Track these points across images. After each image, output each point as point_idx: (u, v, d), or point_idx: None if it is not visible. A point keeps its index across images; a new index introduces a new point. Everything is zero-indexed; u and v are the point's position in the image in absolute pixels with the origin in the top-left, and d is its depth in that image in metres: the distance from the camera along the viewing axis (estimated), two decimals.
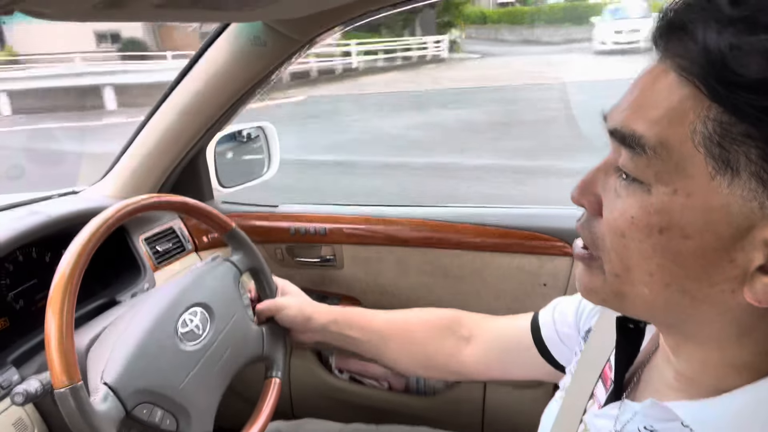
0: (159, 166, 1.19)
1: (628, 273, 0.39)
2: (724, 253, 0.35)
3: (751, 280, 0.34)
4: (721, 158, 0.33)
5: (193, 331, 0.84)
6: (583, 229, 0.43)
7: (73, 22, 0.63)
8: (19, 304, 0.97)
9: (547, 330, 0.71)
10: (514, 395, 1.17)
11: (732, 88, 0.32)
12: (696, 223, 0.35)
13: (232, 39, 1.03)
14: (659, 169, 0.35)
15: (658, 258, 0.37)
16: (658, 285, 0.38)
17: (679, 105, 0.34)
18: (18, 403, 0.70)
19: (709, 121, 0.33)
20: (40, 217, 0.96)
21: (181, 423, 0.78)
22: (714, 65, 0.32)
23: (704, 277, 0.36)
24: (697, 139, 0.34)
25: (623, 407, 0.47)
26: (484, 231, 1.15)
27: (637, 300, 0.40)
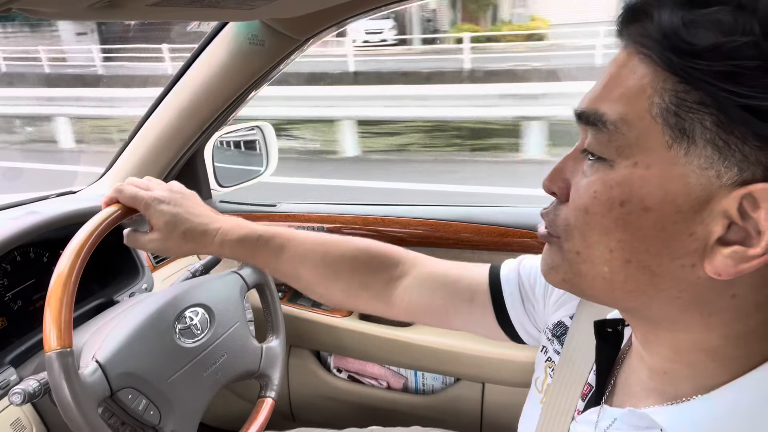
0: (157, 165, 1.19)
1: (588, 250, 0.40)
2: (684, 226, 0.35)
3: (711, 253, 0.35)
4: (677, 127, 0.34)
5: (191, 329, 0.84)
6: (547, 214, 0.44)
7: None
8: (16, 304, 0.97)
9: (512, 292, 0.65)
10: (512, 394, 1.17)
11: (685, 57, 0.33)
12: (655, 195, 0.35)
13: (230, 38, 1.03)
14: (620, 144, 0.37)
15: (619, 233, 0.37)
16: (618, 261, 0.38)
17: (639, 81, 0.36)
18: (16, 404, 0.70)
19: (665, 92, 0.34)
20: (37, 217, 0.96)
21: (164, 417, 0.77)
22: (669, 38, 0.34)
23: (665, 252, 0.36)
24: (655, 111, 0.35)
25: (602, 413, 0.47)
26: (482, 230, 1.15)
27: (596, 279, 0.40)
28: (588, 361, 0.53)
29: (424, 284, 0.70)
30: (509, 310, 0.66)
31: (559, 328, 0.59)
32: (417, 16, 17.18)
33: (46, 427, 0.87)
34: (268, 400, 0.92)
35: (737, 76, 0.32)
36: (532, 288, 0.64)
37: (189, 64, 1.09)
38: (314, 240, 0.73)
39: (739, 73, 0.32)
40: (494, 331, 0.67)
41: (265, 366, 0.93)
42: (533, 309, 0.64)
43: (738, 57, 0.32)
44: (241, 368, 0.89)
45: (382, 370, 1.34)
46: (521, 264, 0.66)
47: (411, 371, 1.32)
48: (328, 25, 0.98)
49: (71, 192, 1.21)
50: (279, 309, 0.98)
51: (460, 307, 0.68)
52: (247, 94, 1.11)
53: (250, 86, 1.09)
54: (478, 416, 1.22)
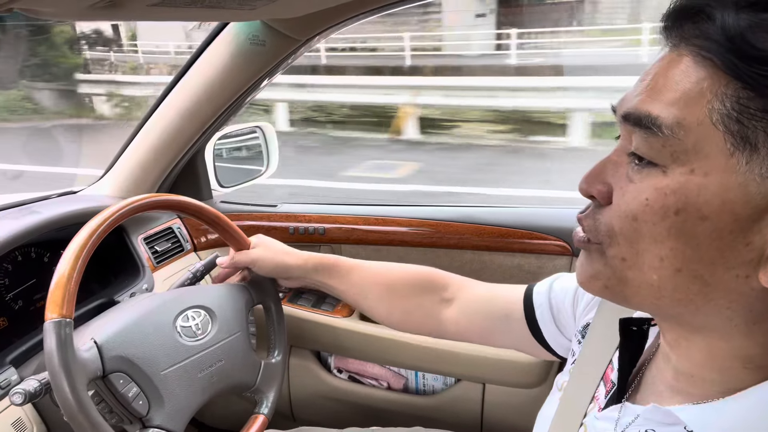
0: (158, 165, 1.19)
1: (636, 257, 0.38)
2: (741, 236, 0.34)
3: (766, 264, 0.34)
4: (740, 134, 0.33)
5: (192, 328, 0.83)
6: (586, 218, 0.42)
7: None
8: (17, 304, 0.97)
9: (541, 305, 0.68)
10: (513, 395, 1.17)
11: (752, 62, 0.32)
12: (713, 203, 0.34)
13: (231, 38, 1.03)
14: (676, 149, 0.35)
15: (671, 241, 0.36)
16: (669, 270, 0.37)
17: (696, 85, 0.34)
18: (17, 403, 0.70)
19: (727, 98, 0.33)
20: (38, 217, 0.96)
21: (153, 409, 0.75)
22: (733, 41, 0.33)
23: (719, 261, 0.35)
24: (715, 117, 0.33)
25: (624, 410, 0.46)
26: (483, 230, 1.15)
27: (642, 287, 0.39)
28: (606, 357, 0.53)
29: (470, 306, 0.77)
30: (541, 325, 0.68)
31: (585, 329, 0.59)
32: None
33: (47, 426, 0.87)
34: (261, 417, 0.91)
35: None
36: (562, 302, 0.66)
37: (190, 65, 1.09)
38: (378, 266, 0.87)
39: None
40: (533, 346, 0.70)
41: (263, 382, 0.91)
42: (563, 323, 0.66)
43: None
44: (237, 378, 0.88)
45: (382, 371, 1.34)
46: (555, 281, 0.69)
47: (411, 372, 1.32)
48: (329, 25, 0.98)
49: (72, 192, 1.21)
50: (284, 328, 0.97)
51: (499, 325, 0.73)
52: (247, 94, 1.11)
53: (251, 86, 1.09)
54: (479, 417, 1.22)
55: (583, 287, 0.44)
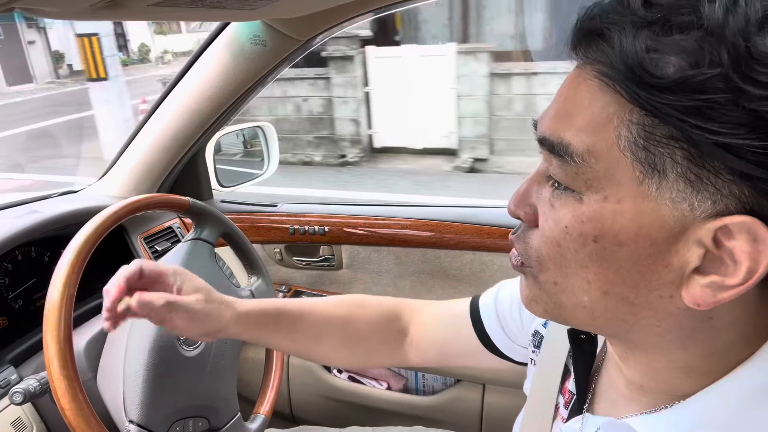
0: (158, 165, 1.19)
1: (566, 280, 0.38)
2: (659, 258, 0.34)
3: (688, 283, 0.34)
4: (647, 161, 0.33)
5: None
6: (518, 240, 0.42)
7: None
8: (17, 303, 0.97)
9: (489, 316, 0.67)
10: (512, 396, 1.17)
11: (651, 90, 0.31)
12: (629, 229, 0.34)
13: (232, 38, 1.03)
14: (589, 177, 0.35)
15: (594, 266, 0.36)
16: (597, 293, 0.37)
17: (603, 111, 0.34)
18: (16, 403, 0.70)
19: (632, 125, 0.33)
20: (39, 216, 0.96)
21: (212, 420, 0.81)
22: (632, 69, 0.32)
23: (642, 284, 0.35)
24: (623, 144, 0.33)
25: (585, 421, 0.47)
26: (484, 231, 1.15)
27: (577, 309, 0.39)
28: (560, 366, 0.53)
29: (423, 329, 0.73)
30: (492, 337, 0.66)
31: (536, 337, 0.59)
32: None
33: (46, 426, 0.87)
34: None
35: (708, 111, 0.30)
36: (508, 308, 0.65)
37: (191, 65, 1.09)
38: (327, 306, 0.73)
39: (710, 107, 0.30)
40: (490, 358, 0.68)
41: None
42: (511, 328, 0.65)
43: (707, 91, 0.30)
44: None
45: (382, 371, 1.34)
46: (500, 291, 0.67)
47: (411, 372, 1.32)
48: (330, 25, 0.98)
49: (72, 191, 1.22)
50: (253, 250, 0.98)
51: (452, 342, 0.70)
52: (248, 94, 1.11)
53: (252, 86, 1.09)
54: (478, 417, 1.22)
55: (528, 309, 0.44)
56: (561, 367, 0.53)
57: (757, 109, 0.29)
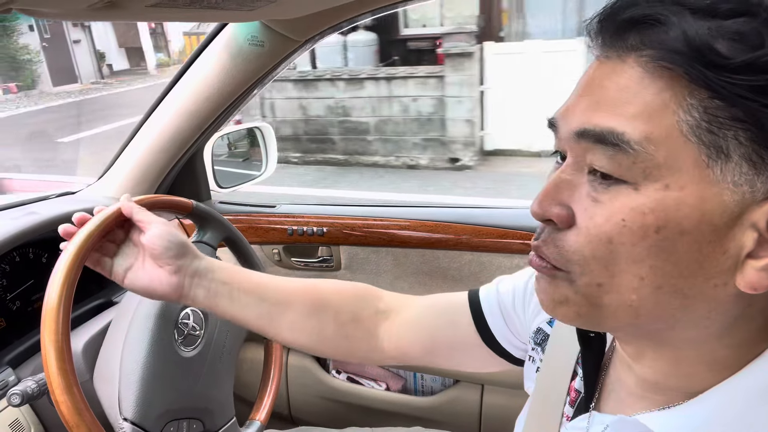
0: (156, 166, 1.19)
1: (612, 280, 0.36)
2: (718, 245, 0.34)
3: (742, 268, 0.34)
4: (713, 144, 0.33)
5: (191, 334, 0.83)
6: (547, 246, 0.39)
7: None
8: (15, 304, 0.97)
9: (491, 309, 0.64)
10: (511, 396, 1.17)
11: (721, 71, 0.31)
12: (692, 217, 0.33)
13: (230, 39, 1.03)
14: (647, 165, 0.34)
15: (651, 260, 0.35)
16: (649, 288, 0.36)
17: (657, 97, 0.34)
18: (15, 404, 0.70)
19: (693, 109, 0.33)
20: (36, 217, 0.96)
21: (206, 423, 0.80)
22: (700, 51, 0.32)
23: (699, 273, 0.35)
24: (685, 129, 0.33)
25: (592, 419, 0.46)
26: (482, 231, 1.15)
27: (620, 309, 0.37)
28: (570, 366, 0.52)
29: (410, 316, 0.68)
30: (492, 327, 0.64)
31: (539, 335, 0.58)
32: None
33: (44, 427, 0.87)
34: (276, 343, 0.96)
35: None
36: (511, 302, 0.63)
37: (188, 65, 1.09)
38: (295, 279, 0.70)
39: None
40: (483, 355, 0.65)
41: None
42: (514, 322, 0.63)
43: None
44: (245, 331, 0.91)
45: (381, 372, 1.34)
46: (499, 284, 0.65)
47: (410, 372, 1.32)
48: (328, 26, 0.98)
49: (70, 193, 1.21)
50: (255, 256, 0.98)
51: (445, 333, 0.66)
52: (246, 95, 1.11)
53: (250, 87, 1.09)
54: (477, 418, 1.22)
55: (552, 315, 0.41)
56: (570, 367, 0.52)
57: None
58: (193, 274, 0.65)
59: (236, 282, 0.66)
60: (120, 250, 0.68)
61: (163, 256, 0.64)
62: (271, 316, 0.66)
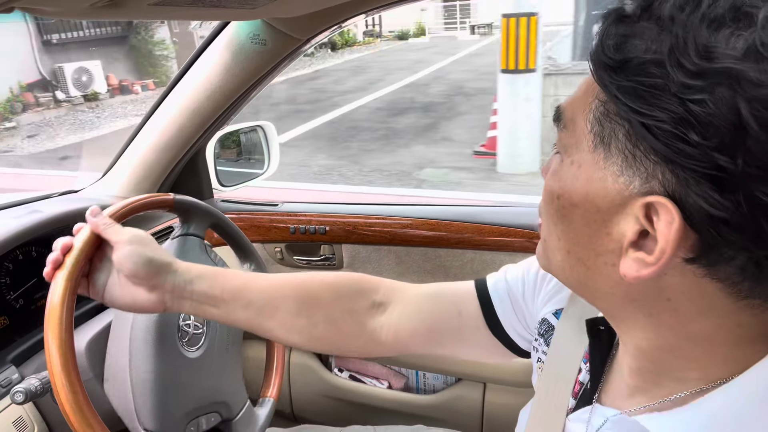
0: (159, 164, 1.19)
1: (549, 238, 0.43)
2: (603, 225, 0.38)
3: (624, 255, 0.37)
4: (599, 134, 0.37)
5: (194, 334, 0.84)
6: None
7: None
8: (18, 303, 0.97)
9: (500, 296, 0.63)
10: (514, 394, 1.17)
11: (606, 69, 0.35)
12: (580, 192, 0.38)
13: (232, 37, 1.03)
14: (567, 142, 0.40)
15: (560, 224, 0.41)
16: (563, 251, 0.42)
17: (588, 88, 0.39)
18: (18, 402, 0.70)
19: (598, 101, 0.37)
20: (39, 215, 0.96)
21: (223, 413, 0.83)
22: (596, 50, 0.36)
23: (590, 247, 0.39)
24: (589, 117, 0.38)
25: (594, 411, 0.47)
26: (485, 230, 1.15)
27: (556, 266, 0.44)
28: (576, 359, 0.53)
29: (410, 307, 0.66)
30: (500, 316, 0.63)
31: (543, 325, 0.58)
32: None
33: (47, 425, 0.87)
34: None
35: (641, 93, 0.33)
36: (521, 292, 0.63)
37: (191, 64, 1.09)
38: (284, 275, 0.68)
39: (644, 89, 0.33)
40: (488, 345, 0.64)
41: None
42: (523, 312, 0.63)
43: (642, 74, 0.33)
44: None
45: (383, 370, 1.34)
46: (507, 272, 0.65)
47: (412, 371, 1.32)
48: (330, 24, 0.98)
49: (73, 191, 1.22)
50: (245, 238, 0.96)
51: (449, 325, 0.65)
52: (248, 93, 1.11)
53: (252, 86, 1.09)
54: (479, 416, 1.22)
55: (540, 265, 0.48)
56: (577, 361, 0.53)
57: (681, 96, 0.31)
58: (171, 289, 0.63)
59: (218, 289, 0.64)
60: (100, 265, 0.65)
61: (135, 277, 0.62)
62: (260, 319, 0.65)
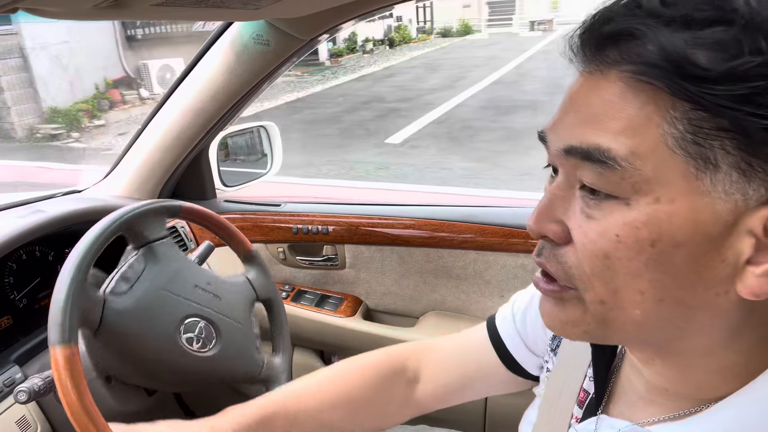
0: (162, 165, 1.19)
1: (615, 296, 0.36)
2: (716, 254, 0.34)
3: (742, 274, 0.34)
4: (700, 156, 0.32)
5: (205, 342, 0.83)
6: (549, 262, 0.39)
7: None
8: (22, 302, 0.98)
9: (509, 334, 0.65)
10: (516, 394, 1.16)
11: (701, 83, 0.31)
12: (685, 228, 0.33)
13: (235, 38, 1.03)
14: (636, 180, 0.34)
15: (649, 273, 0.35)
16: (650, 302, 0.36)
17: (640, 111, 0.33)
18: (21, 401, 0.70)
19: (678, 121, 0.32)
20: (43, 215, 0.96)
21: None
22: (678, 64, 0.32)
23: (699, 283, 0.35)
24: (671, 142, 0.33)
25: (600, 422, 0.46)
26: (486, 230, 1.14)
27: (626, 324, 0.37)
28: (581, 367, 0.52)
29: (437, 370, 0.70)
30: (515, 355, 0.65)
31: (555, 341, 0.59)
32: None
33: (50, 425, 0.87)
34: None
35: (756, 98, 0.30)
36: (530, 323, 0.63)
37: (194, 64, 1.09)
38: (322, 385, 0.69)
39: (758, 93, 0.30)
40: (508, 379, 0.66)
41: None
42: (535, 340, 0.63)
43: (752, 79, 0.30)
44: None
45: None
46: (514, 304, 0.66)
47: None
48: (334, 24, 0.98)
49: (76, 191, 1.22)
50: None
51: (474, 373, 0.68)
52: (251, 93, 1.11)
53: (255, 86, 1.09)
54: (482, 415, 1.22)
55: (560, 335, 0.42)
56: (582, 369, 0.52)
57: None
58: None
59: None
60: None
61: None
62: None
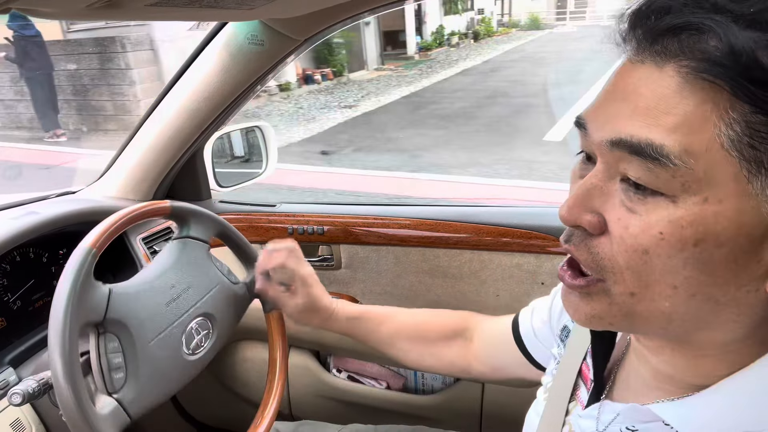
0: (156, 166, 1.19)
1: (646, 290, 0.36)
2: (754, 254, 0.34)
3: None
4: (754, 159, 0.32)
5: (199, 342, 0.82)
6: (578, 250, 0.39)
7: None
8: (16, 304, 0.97)
9: (525, 327, 0.73)
10: (511, 394, 1.17)
11: (765, 86, 0.30)
12: (730, 229, 0.33)
13: (230, 38, 1.03)
14: (687, 179, 0.33)
15: (687, 271, 0.35)
16: (682, 297, 0.36)
17: (698, 109, 0.32)
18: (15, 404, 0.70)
19: (735, 123, 0.32)
20: (37, 217, 0.96)
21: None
22: (744, 64, 0.31)
23: (732, 281, 0.35)
24: (726, 143, 0.32)
25: (603, 407, 0.47)
26: (482, 230, 1.15)
27: (653, 316, 0.37)
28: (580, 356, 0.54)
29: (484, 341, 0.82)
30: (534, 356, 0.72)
31: (564, 332, 0.60)
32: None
33: (45, 427, 0.87)
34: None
35: None
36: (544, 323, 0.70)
37: (188, 64, 1.09)
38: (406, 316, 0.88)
39: None
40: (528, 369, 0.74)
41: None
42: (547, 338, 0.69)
43: None
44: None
45: (381, 370, 1.34)
46: (534, 310, 0.73)
47: (410, 371, 1.32)
48: (328, 25, 0.98)
49: (70, 192, 1.21)
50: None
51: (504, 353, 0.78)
52: (246, 94, 1.11)
53: (250, 86, 1.09)
54: (478, 416, 1.22)
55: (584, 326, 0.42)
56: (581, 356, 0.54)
57: None
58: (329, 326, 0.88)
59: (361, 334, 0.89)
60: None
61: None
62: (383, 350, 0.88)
